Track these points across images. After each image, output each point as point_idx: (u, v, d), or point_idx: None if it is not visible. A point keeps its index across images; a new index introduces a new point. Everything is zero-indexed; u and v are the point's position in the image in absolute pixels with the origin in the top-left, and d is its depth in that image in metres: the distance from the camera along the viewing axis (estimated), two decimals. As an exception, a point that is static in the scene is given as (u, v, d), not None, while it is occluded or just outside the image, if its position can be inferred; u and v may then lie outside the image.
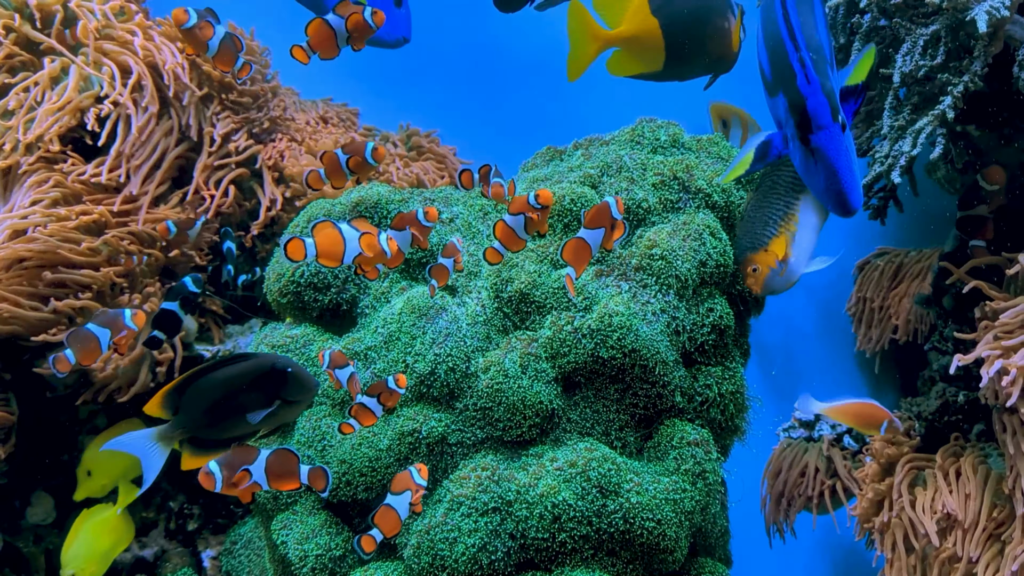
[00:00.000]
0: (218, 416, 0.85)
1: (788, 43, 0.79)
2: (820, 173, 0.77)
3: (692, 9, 1.01)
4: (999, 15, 0.99)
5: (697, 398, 1.06)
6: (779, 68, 0.78)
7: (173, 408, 0.85)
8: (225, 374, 0.85)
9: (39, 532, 1.30)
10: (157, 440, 0.84)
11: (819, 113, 0.78)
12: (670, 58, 1.03)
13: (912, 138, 1.07)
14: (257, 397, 0.85)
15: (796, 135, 0.78)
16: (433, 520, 0.95)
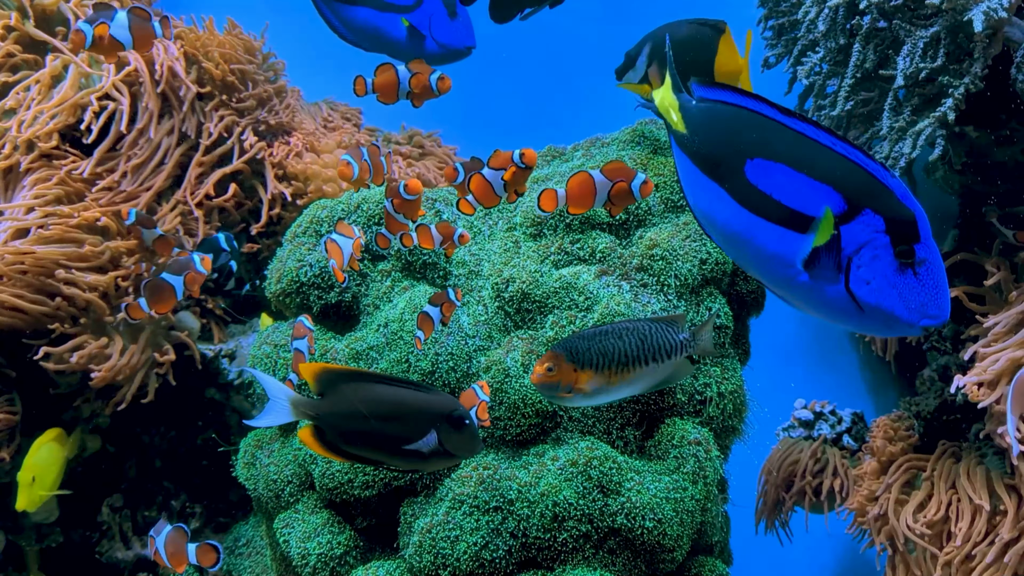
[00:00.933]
0: (364, 430, 0.79)
1: (856, 154, 0.70)
2: (923, 287, 0.68)
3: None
4: (996, 16, 1.00)
5: (697, 397, 1.06)
6: (854, 185, 0.69)
7: (324, 388, 0.79)
8: (398, 394, 0.79)
9: (42, 531, 1.31)
10: (291, 403, 0.79)
11: (923, 219, 0.69)
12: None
13: (912, 140, 1.08)
14: (406, 429, 0.79)
15: (891, 252, 0.68)
16: (435, 519, 0.96)
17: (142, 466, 1.37)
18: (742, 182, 0.73)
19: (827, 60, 1.20)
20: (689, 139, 0.76)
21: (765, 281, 0.75)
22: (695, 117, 0.76)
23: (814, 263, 0.71)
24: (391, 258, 1.15)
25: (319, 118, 1.59)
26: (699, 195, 0.77)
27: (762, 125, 0.73)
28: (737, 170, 0.73)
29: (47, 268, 1.20)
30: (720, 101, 0.76)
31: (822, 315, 0.73)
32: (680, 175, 0.80)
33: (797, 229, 0.71)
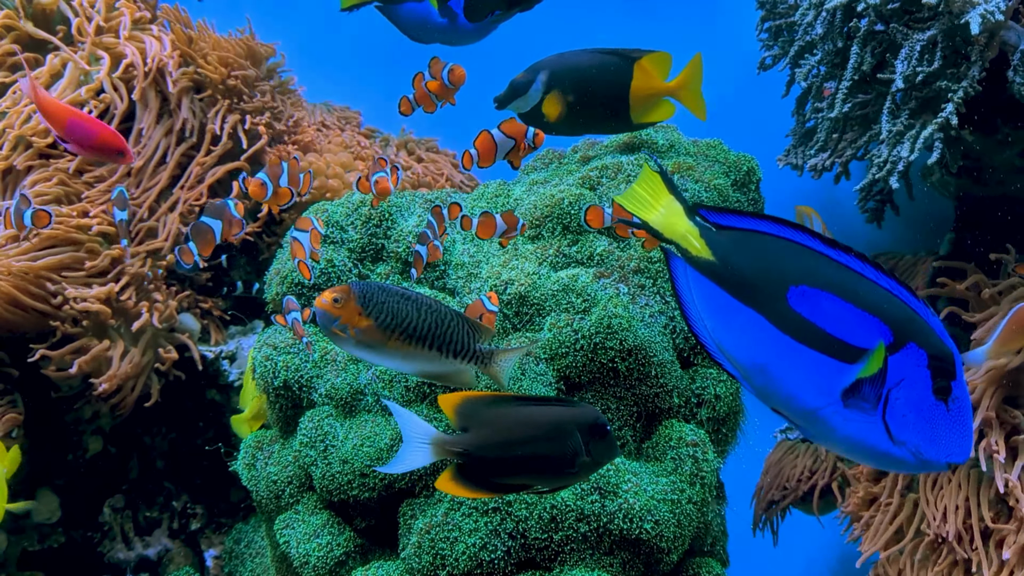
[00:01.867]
0: (515, 456, 0.76)
1: (897, 287, 0.70)
2: (954, 425, 0.68)
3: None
4: (994, 19, 1.00)
5: (694, 399, 1.07)
6: (899, 318, 0.68)
7: (467, 420, 0.75)
8: (545, 412, 0.76)
9: (43, 531, 1.31)
10: (432, 443, 0.75)
11: (958, 357, 0.70)
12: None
13: (910, 143, 1.09)
14: (559, 447, 0.76)
15: (930, 387, 0.68)
16: (434, 519, 0.96)
17: (143, 467, 1.38)
18: (785, 309, 0.72)
19: (825, 62, 1.21)
20: (719, 266, 0.74)
21: (789, 410, 0.73)
22: (723, 245, 0.75)
23: (854, 394, 0.70)
24: (390, 260, 1.16)
25: (318, 118, 1.60)
26: (727, 321, 0.75)
27: (803, 253, 0.73)
28: (779, 297, 0.73)
29: (45, 276, 1.20)
30: (751, 229, 0.75)
31: (844, 447, 0.72)
32: (699, 301, 0.77)
33: (841, 358, 0.70)
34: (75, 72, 1.32)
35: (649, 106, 0.92)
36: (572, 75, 0.88)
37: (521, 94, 0.89)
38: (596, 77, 0.90)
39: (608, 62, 0.92)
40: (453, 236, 1.17)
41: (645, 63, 0.91)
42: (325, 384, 1.08)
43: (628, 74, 0.90)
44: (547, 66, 0.89)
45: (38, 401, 1.27)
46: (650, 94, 0.91)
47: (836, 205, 1.69)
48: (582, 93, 0.85)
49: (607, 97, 0.90)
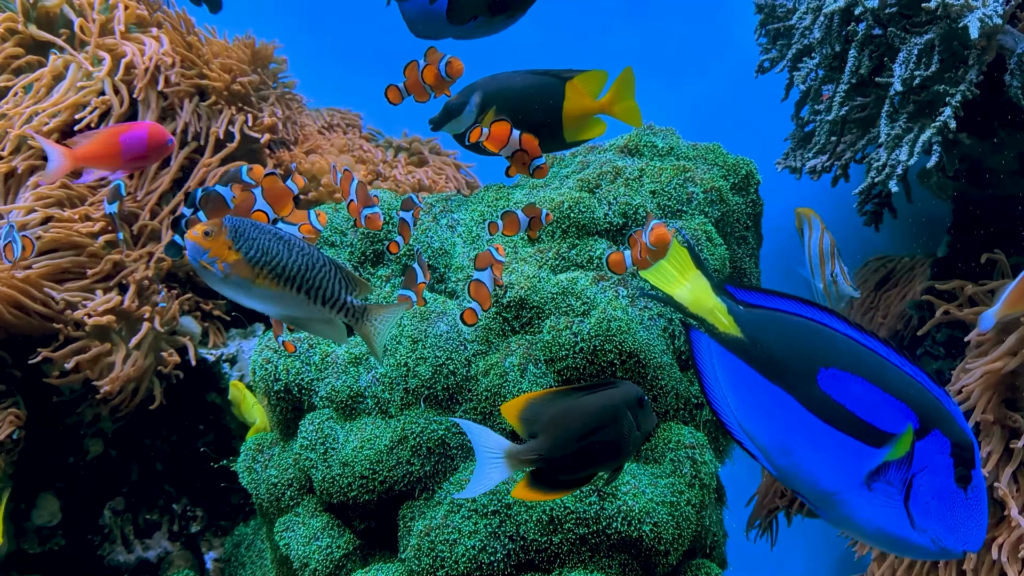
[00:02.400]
0: (580, 450, 0.76)
1: (921, 375, 0.71)
2: (971, 513, 0.69)
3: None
4: (991, 23, 1.01)
5: (693, 401, 1.07)
6: (925, 405, 0.70)
7: (532, 425, 0.75)
8: (598, 399, 0.76)
9: (44, 533, 1.32)
10: (506, 456, 0.74)
11: (976, 446, 0.71)
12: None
13: (909, 147, 1.09)
14: (618, 428, 0.77)
15: (952, 475, 0.69)
16: (433, 522, 0.97)
17: (144, 469, 1.38)
18: (814, 390, 0.73)
19: (823, 66, 1.22)
20: (748, 344, 0.75)
21: (810, 491, 0.73)
22: (752, 323, 0.75)
23: (880, 477, 0.71)
24: (391, 263, 1.16)
25: (319, 121, 1.61)
26: (753, 399, 0.75)
27: (832, 336, 0.74)
28: (809, 378, 0.73)
29: (47, 283, 1.20)
30: (779, 309, 0.76)
31: (864, 531, 0.72)
32: (723, 377, 0.77)
33: (868, 442, 0.71)
34: (77, 73, 1.32)
35: (582, 124, 0.93)
36: (506, 96, 0.89)
37: (455, 116, 0.90)
38: (530, 97, 0.91)
39: (541, 83, 0.93)
40: (454, 239, 1.17)
41: (577, 83, 0.92)
42: (325, 387, 1.08)
43: (560, 94, 0.91)
44: (481, 87, 0.89)
45: (39, 404, 1.27)
46: (583, 113, 0.92)
47: (835, 208, 1.70)
48: (517, 114, 0.86)
49: (541, 117, 0.91)
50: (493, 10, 1.04)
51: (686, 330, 0.78)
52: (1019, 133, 1.23)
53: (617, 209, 1.12)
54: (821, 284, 0.99)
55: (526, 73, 0.97)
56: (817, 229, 1.17)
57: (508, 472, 0.74)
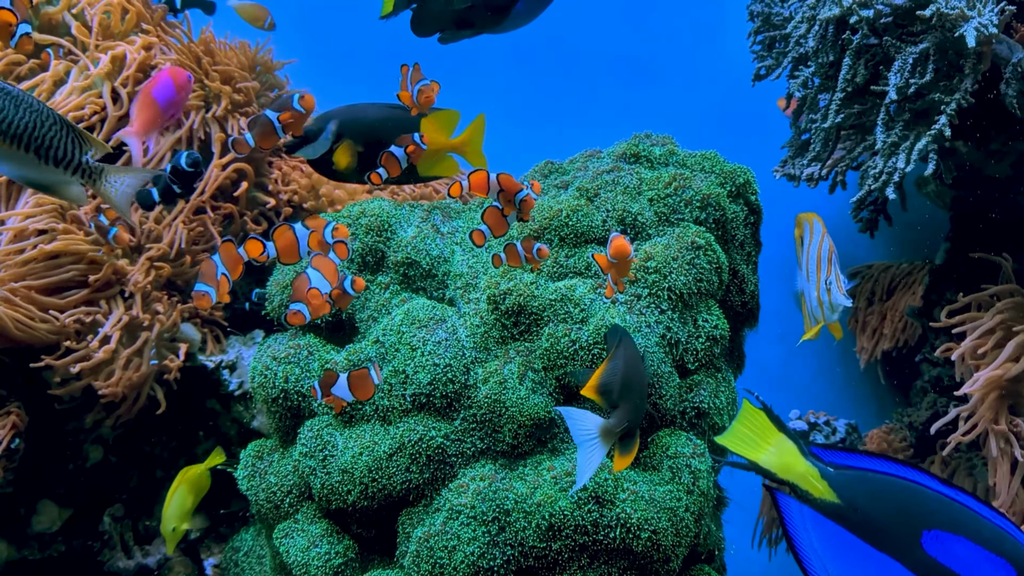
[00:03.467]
0: (640, 401, 0.80)
1: (1011, 527, 0.71)
2: None
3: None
4: (987, 32, 1.01)
5: (691, 409, 1.07)
6: (1020, 562, 0.70)
7: (609, 396, 0.78)
8: (632, 344, 0.79)
9: (44, 540, 1.32)
10: (601, 434, 0.76)
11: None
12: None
13: (905, 155, 1.10)
14: (646, 362, 0.82)
15: None
16: (432, 528, 0.97)
17: (143, 476, 1.38)
18: (920, 554, 0.72)
19: (818, 74, 1.22)
20: (845, 508, 0.74)
21: None
22: (847, 486, 0.74)
23: None
24: (390, 271, 1.17)
25: None
26: (856, 566, 0.74)
27: (927, 495, 0.73)
28: (913, 542, 0.73)
29: (49, 299, 1.21)
30: (870, 469, 0.75)
31: None
32: (819, 543, 0.76)
33: None
34: (78, 77, 1.33)
35: (435, 160, 0.95)
36: (362, 127, 0.91)
37: (311, 141, 0.91)
38: (385, 130, 0.93)
39: (397, 116, 0.95)
40: (452, 247, 1.18)
41: (432, 119, 0.93)
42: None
43: (415, 129, 0.93)
44: (337, 116, 0.91)
45: (40, 410, 1.28)
46: (435, 149, 0.94)
47: (833, 215, 1.70)
48: (372, 144, 0.88)
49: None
50: (458, 25, 1.06)
51: (771, 494, 0.76)
52: (1015, 141, 1.23)
53: (615, 216, 1.13)
54: (815, 291, 0.98)
55: (383, 106, 1.00)
56: (818, 233, 1.17)
57: (605, 448, 0.76)
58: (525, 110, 1.87)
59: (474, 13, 1.05)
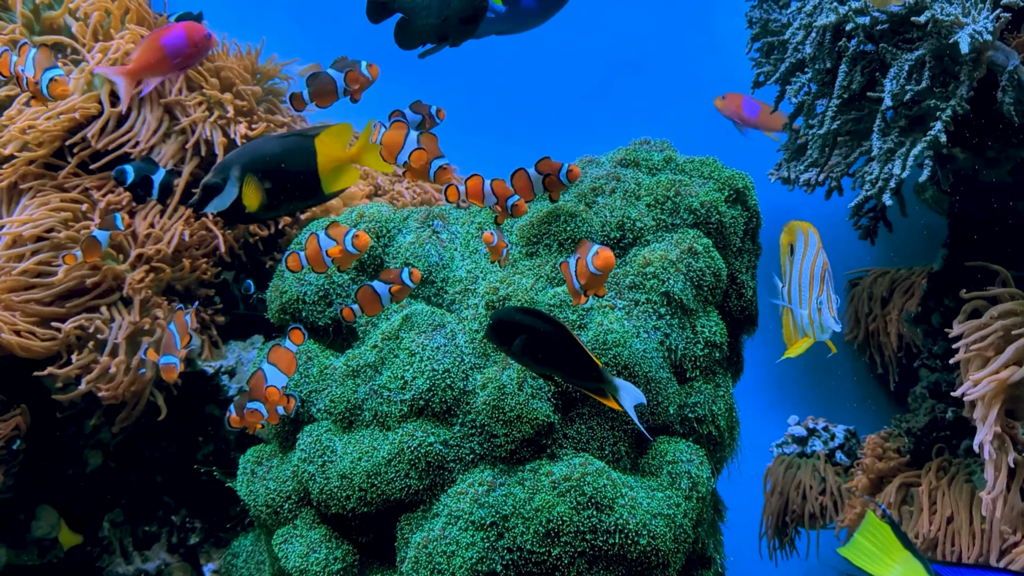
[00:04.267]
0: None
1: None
2: None
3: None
4: (982, 39, 1.02)
5: (690, 415, 1.08)
6: None
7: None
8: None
9: (43, 545, 1.32)
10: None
11: None
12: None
13: (901, 161, 1.10)
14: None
15: None
16: (431, 534, 0.97)
17: (143, 481, 1.38)
18: None
19: (815, 80, 1.23)
20: None
21: None
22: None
23: None
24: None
25: None
26: None
27: None
28: None
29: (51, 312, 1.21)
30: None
31: None
32: None
33: None
34: (79, 79, 1.33)
35: (337, 175, 0.96)
36: (263, 163, 0.93)
37: (217, 193, 0.92)
38: (286, 160, 0.95)
39: (292, 144, 0.97)
40: (452, 252, 1.18)
41: (325, 138, 0.95)
42: (323, 399, 1.09)
43: (313, 151, 0.94)
44: (237, 160, 0.93)
45: (39, 415, 1.28)
46: (336, 165, 0.95)
47: (831, 220, 1.71)
48: (276, 178, 0.89)
49: (299, 176, 0.94)
50: (439, 38, 1.10)
51: None
52: (1013, 148, 1.24)
53: (613, 222, 1.13)
54: (806, 311, 0.95)
55: (275, 138, 1.02)
56: (813, 247, 1.15)
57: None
58: (524, 116, 1.87)
59: (446, 26, 1.08)
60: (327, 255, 0.96)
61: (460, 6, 1.06)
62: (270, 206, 0.95)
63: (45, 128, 1.29)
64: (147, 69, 1.08)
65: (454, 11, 1.07)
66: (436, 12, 1.08)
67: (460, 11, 1.07)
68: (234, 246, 1.40)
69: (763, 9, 1.38)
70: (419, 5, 1.09)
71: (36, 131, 1.29)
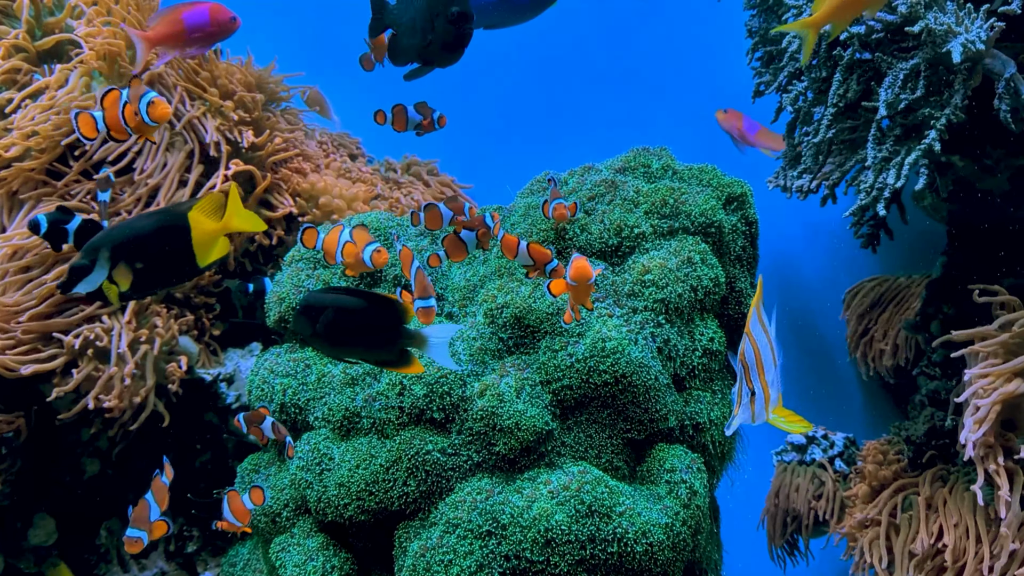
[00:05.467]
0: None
1: None
2: None
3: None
4: (975, 48, 1.02)
5: (689, 423, 1.07)
6: None
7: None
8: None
9: (40, 553, 1.31)
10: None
11: None
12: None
13: (896, 170, 1.10)
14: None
15: None
16: (429, 542, 0.97)
17: (141, 489, 1.38)
18: None
19: (812, 89, 1.23)
20: None
21: None
22: None
23: None
24: (387, 284, 1.17)
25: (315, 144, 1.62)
26: None
27: None
28: None
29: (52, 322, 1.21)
30: None
31: None
32: None
33: None
34: (78, 81, 1.34)
35: (211, 247, 0.95)
36: (133, 244, 0.91)
37: (85, 276, 0.91)
38: (158, 237, 0.92)
39: (163, 219, 0.95)
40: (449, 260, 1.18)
41: (198, 213, 0.94)
42: (322, 407, 1.09)
43: (186, 227, 0.93)
44: (105, 243, 0.91)
45: (38, 423, 1.28)
46: (209, 237, 0.94)
47: (832, 225, 1.71)
48: (148, 257, 0.89)
49: (173, 253, 0.93)
50: (425, 60, 1.13)
51: None
52: (1010, 155, 1.24)
53: (612, 229, 1.13)
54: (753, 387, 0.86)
55: (144, 216, 0.99)
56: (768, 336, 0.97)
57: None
58: (523, 124, 1.88)
59: (430, 51, 1.10)
60: (341, 253, 0.95)
61: (443, 31, 1.08)
62: (142, 286, 0.93)
63: (46, 134, 1.29)
64: (164, 39, 1.09)
65: (437, 36, 1.08)
66: (420, 34, 1.09)
67: (443, 36, 1.08)
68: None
69: (762, 18, 1.39)
70: (405, 24, 1.10)
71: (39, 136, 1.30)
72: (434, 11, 1.07)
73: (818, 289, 1.76)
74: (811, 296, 1.78)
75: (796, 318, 1.78)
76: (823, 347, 1.74)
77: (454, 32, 1.07)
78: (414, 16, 1.10)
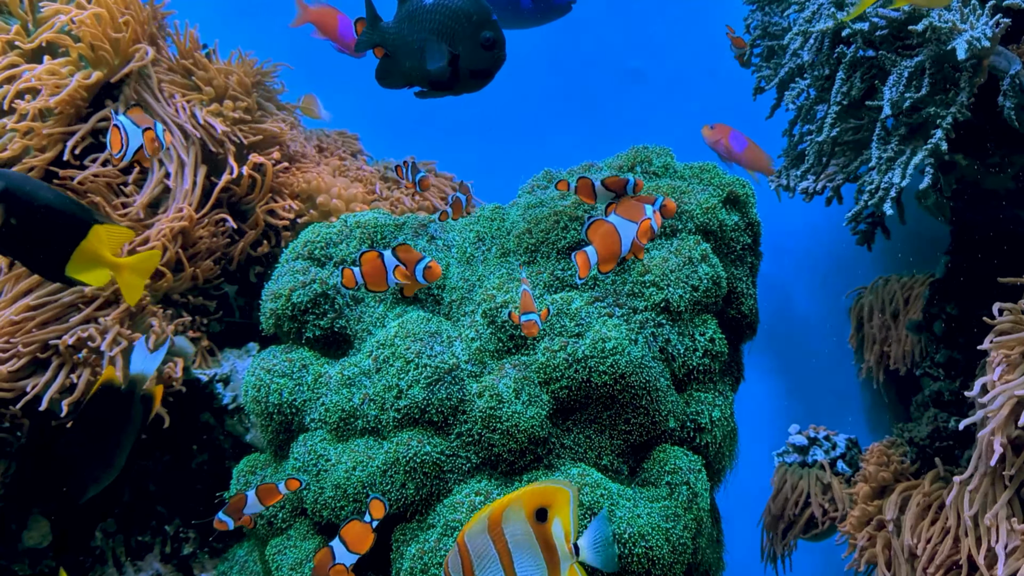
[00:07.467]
0: None
1: None
2: None
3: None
4: (980, 45, 1.01)
5: (689, 424, 1.06)
6: None
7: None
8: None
9: (35, 556, 1.31)
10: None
11: None
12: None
13: (901, 169, 1.09)
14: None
15: None
16: (427, 545, 0.96)
17: (136, 490, 1.37)
18: None
19: (814, 86, 1.22)
20: None
21: None
22: None
23: None
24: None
25: (313, 144, 1.62)
26: None
27: None
28: None
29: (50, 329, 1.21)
30: None
31: None
32: None
33: None
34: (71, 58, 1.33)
35: (88, 267, 0.91)
36: (26, 200, 0.85)
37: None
38: (53, 215, 0.87)
39: (71, 206, 0.89)
40: (448, 260, 1.17)
41: (103, 231, 0.90)
42: (318, 408, 1.08)
43: (85, 228, 0.89)
44: (3, 176, 0.86)
45: (31, 424, 1.27)
46: (94, 258, 0.90)
47: (833, 227, 1.70)
48: (28, 221, 0.83)
49: (54, 239, 0.87)
50: (434, 86, 1.05)
51: None
52: (1015, 154, 1.23)
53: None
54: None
55: (59, 192, 0.93)
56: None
57: None
58: (524, 121, 1.87)
59: (453, 79, 1.04)
60: (393, 275, 0.95)
61: (471, 57, 1.01)
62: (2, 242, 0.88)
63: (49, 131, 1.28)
64: (327, 21, 1.40)
65: (465, 62, 1.02)
66: (417, 57, 1.03)
67: (473, 63, 1.02)
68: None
69: (763, 12, 1.38)
70: (405, 47, 1.04)
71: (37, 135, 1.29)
72: (459, 35, 1.01)
73: (819, 289, 1.76)
74: (812, 296, 1.77)
75: (797, 318, 1.77)
76: (825, 347, 1.74)
77: (487, 58, 1.01)
78: (422, 38, 1.02)
